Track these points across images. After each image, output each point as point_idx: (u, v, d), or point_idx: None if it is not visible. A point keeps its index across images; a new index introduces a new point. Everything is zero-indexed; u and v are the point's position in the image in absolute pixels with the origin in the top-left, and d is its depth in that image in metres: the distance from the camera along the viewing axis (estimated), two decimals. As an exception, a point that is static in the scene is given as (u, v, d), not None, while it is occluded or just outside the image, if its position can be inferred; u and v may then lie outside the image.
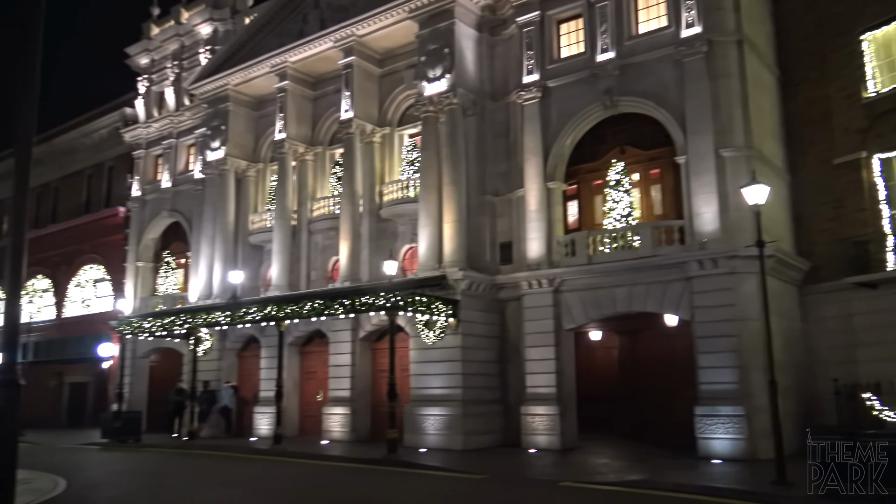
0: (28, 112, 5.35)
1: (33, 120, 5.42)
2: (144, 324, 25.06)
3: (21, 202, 5.21)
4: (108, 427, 25.04)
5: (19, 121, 5.24)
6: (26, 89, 5.23)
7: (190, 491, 13.96)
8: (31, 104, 5.37)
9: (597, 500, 12.11)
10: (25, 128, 5.33)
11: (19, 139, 5.36)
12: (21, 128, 5.30)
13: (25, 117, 5.31)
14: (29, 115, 5.39)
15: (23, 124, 5.31)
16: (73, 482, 14.02)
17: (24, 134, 5.30)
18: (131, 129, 32.73)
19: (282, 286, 24.48)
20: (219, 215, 27.17)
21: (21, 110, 5.24)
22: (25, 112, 5.30)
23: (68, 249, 35.40)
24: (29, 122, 5.38)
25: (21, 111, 5.24)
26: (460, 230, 20.59)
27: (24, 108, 5.27)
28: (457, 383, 19.55)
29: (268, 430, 22.95)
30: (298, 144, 25.71)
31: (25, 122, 5.32)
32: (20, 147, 5.33)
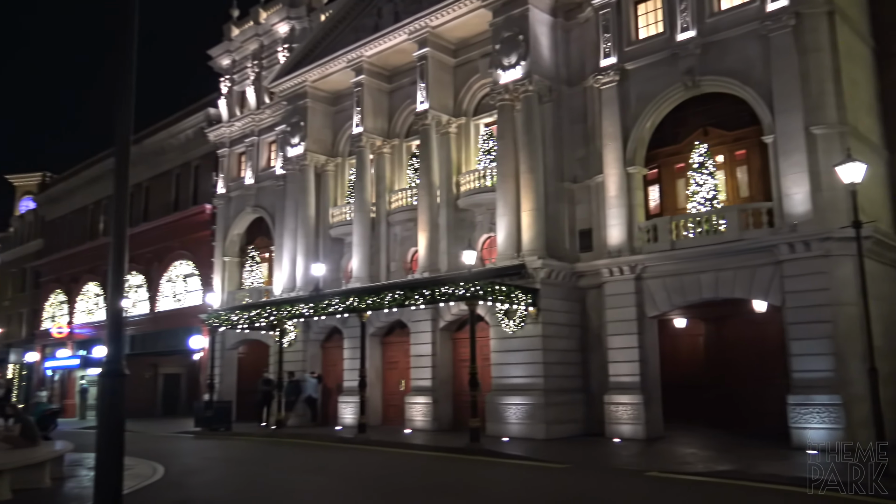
0: (125, 115, 5.58)
1: (130, 122, 5.64)
2: (232, 317, 25.92)
3: (122, 201, 5.44)
4: (201, 416, 26.07)
5: (117, 123, 5.48)
6: (123, 93, 5.45)
7: (280, 477, 14.38)
8: (127, 107, 5.59)
9: (685, 491, 11.84)
10: (123, 130, 5.55)
11: (118, 141, 5.60)
12: (119, 130, 5.53)
13: (123, 120, 5.54)
14: (126, 117, 5.61)
15: (121, 126, 5.54)
16: (170, 468, 14.66)
17: (122, 136, 5.53)
18: (215, 129, 33.80)
19: (362, 278, 24.87)
20: (300, 209, 27.80)
21: (119, 113, 5.46)
22: (122, 115, 5.52)
23: (160, 246, 36.87)
24: (126, 124, 5.60)
25: (119, 114, 5.47)
26: (538, 218, 20.42)
27: (121, 111, 5.50)
28: (538, 372, 19.45)
29: (352, 419, 23.41)
30: (375, 137, 26.01)
31: (123, 125, 5.54)
32: (119, 148, 5.56)
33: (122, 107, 5.52)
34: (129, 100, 5.59)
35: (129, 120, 5.65)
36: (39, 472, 12.21)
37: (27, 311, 51.04)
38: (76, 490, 12.27)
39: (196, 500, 11.49)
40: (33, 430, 14.06)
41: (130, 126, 5.67)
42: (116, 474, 5.16)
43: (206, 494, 12.30)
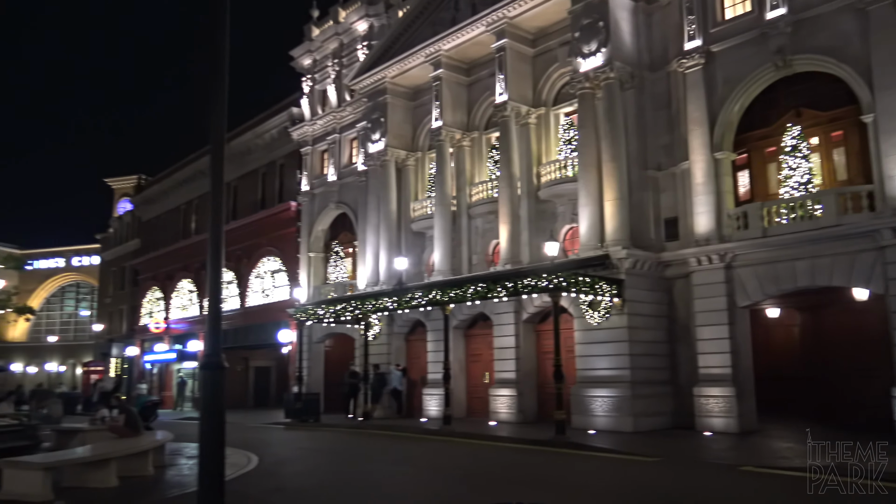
0: (218, 116, 5.76)
1: (223, 123, 5.82)
2: (318, 311, 26.52)
3: (217, 199, 5.62)
4: (291, 408, 26.79)
5: (211, 124, 5.67)
6: (216, 95, 5.63)
7: (368, 468, 14.65)
8: (220, 109, 5.77)
9: (782, 487, 11.40)
10: (217, 132, 5.74)
11: (213, 141, 5.79)
12: (214, 131, 5.72)
13: (216, 121, 5.72)
14: (219, 119, 5.79)
15: (215, 127, 5.73)
16: (263, 458, 15.13)
17: (216, 137, 5.71)
18: (298, 128, 34.62)
19: (444, 271, 25.01)
20: (382, 204, 28.17)
21: (213, 115, 5.65)
22: (216, 116, 5.71)
23: (248, 244, 38.05)
24: (219, 125, 5.78)
25: (213, 116, 5.66)
26: (622, 207, 20.04)
27: (215, 113, 5.68)
28: (624, 364, 19.13)
29: (437, 412, 23.59)
30: (455, 131, 26.07)
31: (217, 126, 5.73)
32: (214, 148, 5.74)
33: (215, 109, 5.70)
34: (222, 102, 5.77)
35: (223, 121, 5.83)
36: (143, 460, 12.81)
37: (127, 307, 53.60)
38: (177, 478, 12.82)
39: (289, 489, 11.80)
40: (137, 421, 14.77)
41: (223, 127, 5.85)
42: (218, 462, 5.36)
43: (299, 483, 12.63)
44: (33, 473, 10.42)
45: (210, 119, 5.64)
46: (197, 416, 23.78)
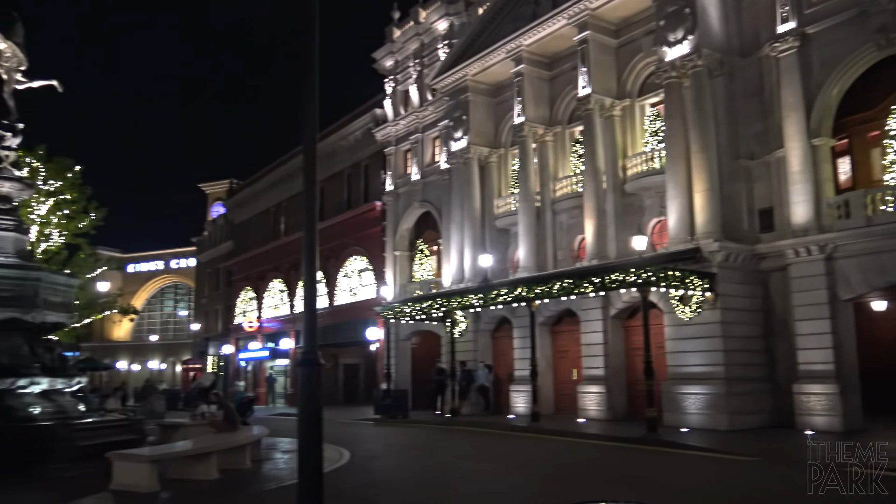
0: (310, 119, 5.89)
1: (315, 125, 5.96)
2: (405, 309, 26.83)
3: (311, 200, 5.75)
4: (380, 404, 27.21)
5: (303, 126, 5.82)
6: (307, 96, 5.76)
7: (457, 464, 14.70)
8: (311, 112, 5.90)
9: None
10: (309, 133, 5.87)
11: (305, 142, 5.93)
12: (306, 132, 5.87)
13: (308, 122, 5.86)
14: (311, 121, 5.92)
15: (307, 129, 5.87)
16: (354, 453, 15.41)
17: (308, 137, 5.85)
18: (382, 129, 35.12)
19: (529, 267, 24.86)
20: (465, 202, 28.24)
21: (304, 118, 5.80)
22: (308, 119, 5.85)
23: (335, 243, 38.85)
24: (311, 127, 5.91)
25: (304, 118, 5.81)
26: (713, 199, 19.43)
27: (306, 116, 5.83)
28: (718, 360, 18.54)
29: (524, 408, 23.48)
30: (537, 126, 25.87)
31: (309, 128, 5.87)
32: (307, 149, 5.88)
33: (307, 110, 5.84)
34: (313, 104, 5.90)
35: (314, 123, 5.96)
36: (241, 454, 13.24)
37: (222, 307, 55.65)
38: (273, 471, 13.20)
39: (380, 484, 11.98)
40: (234, 417, 15.30)
41: (315, 128, 5.99)
42: (316, 455, 5.49)
43: (389, 478, 12.82)
44: (141, 465, 10.93)
45: (301, 121, 5.79)
46: (289, 413, 24.57)
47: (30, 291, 14.24)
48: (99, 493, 10.53)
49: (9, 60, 15.79)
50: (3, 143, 15.50)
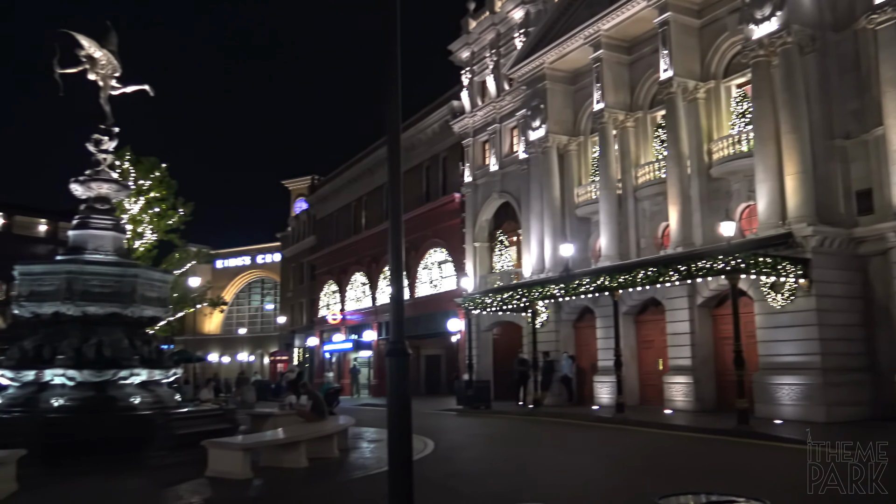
0: (393, 110, 5.93)
1: (398, 117, 5.99)
2: (485, 300, 26.83)
3: (396, 190, 5.81)
4: (462, 395, 27.35)
5: (387, 119, 5.87)
6: (390, 88, 5.79)
7: (542, 455, 14.62)
8: (395, 104, 5.93)
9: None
10: (392, 125, 5.92)
11: (389, 135, 5.99)
12: (389, 126, 5.92)
13: (392, 117, 5.91)
14: (394, 114, 5.96)
15: (390, 123, 5.92)
16: (438, 443, 15.50)
17: (392, 129, 5.89)
18: (459, 120, 35.15)
19: (611, 256, 24.44)
20: (545, 192, 27.98)
21: (388, 111, 5.86)
22: (391, 110, 5.89)
23: (415, 236, 39.17)
24: (395, 119, 5.95)
25: (388, 111, 5.86)
26: (805, 181, 18.60)
27: (390, 109, 5.88)
28: (813, 350, 17.78)
29: (608, 399, 23.15)
30: (617, 112, 25.35)
31: (392, 120, 5.92)
32: (391, 141, 5.93)
33: (390, 102, 5.89)
34: (396, 96, 5.94)
35: (397, 115, 6.01)
36: (329, 443, 13.52)
37: (306, 300, 57.01)
38: (360, 460, 13.43)
39: (466, 474, 12.00)
40: (322, 407, 15.65)
41: (398, 120, 6.03)
42: (406, 445, 5.56)
43: (474, 469, 12.83)
44: (234, 453, 11.31)
45: (386, 112, 5.84)
46: (373, 403, 25.02)
47: (128, 287, 14.92)
48: (196, 479, 10.94)
49: (104, 68, 16.56)
50: (101, 147, 16.27)
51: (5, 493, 9.70)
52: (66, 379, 13.95)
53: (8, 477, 9.95)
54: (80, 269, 14.61)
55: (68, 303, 14.30)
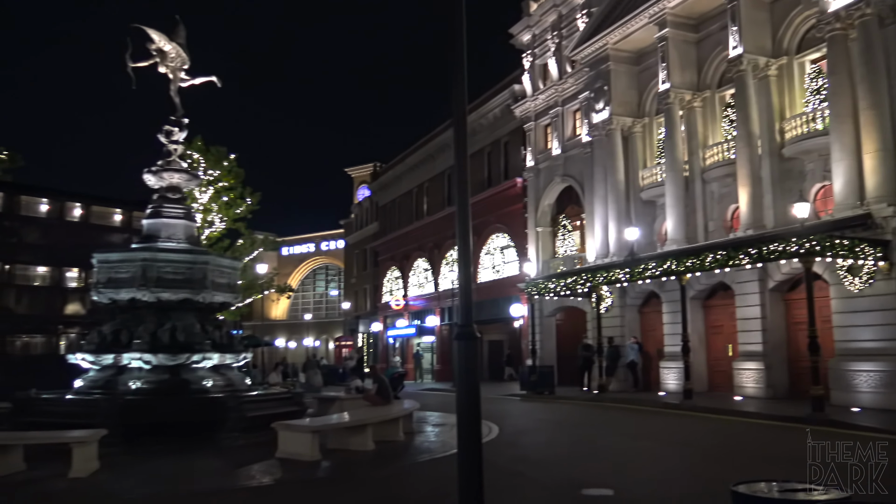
0: (459, 94, 5.90)
1: (464, 102, 5.97)
2: (549, 285, 26.64)
3: (463, 175, 5.81)
4: (525, 380, 27.31)
5: (454, 102, 5.86)
6: (456, 72, 5.77)
7: (607, 440, 14.46)
8: (461, 87, 5.91)
9: None
10: (459, 106, 5.90)
11: (455, 119, 5.97)
12: (455, 109, 5.90)
13: (457, 98, 5.89)
14: (460, 96, 5.94)
15: (456, 105, 5.91)
16: (503, 428, 15.51)
17: (458, 113, 5.87)
18: (521, 104, 34.83)
19: (678, 240, 23.91)
20: (609, 175, 27.54)
21: (454, 90, 5.84)
22: (457, 98, 5.88)
23: (477, 221, 38.99)
24: (461, 104, 5.93)
25: (454, 91, 5.85)
26: (885, 160, 17.79)
27: (456, 91, 5.86)
28: (893, 335, 17.08)
29: (675, 385, 22.76)
30: (684, 92, 24.68)
31: (458, 102, 5.89)
32: (457, 125, 5.91)
33: (456, 84, 5.87)
34: (461, 78, 5.91)
35: (463, 100, 5.98)
36: (394, 427, 13.68)
37: (370, 286, 57.70)
38: (426, 444, 13.54)
39: (531, 459, 11.98)
40: (387, 391, 15.83)
41: (464, 100, 6.00)
42: (475, 426, 5.58)
43: (540, 453, 12.80)
44: (303, 435, 11.55)
45: (452, 94, 5.82)
46: (436, 388, 25.19)
47: (199, 274, 15.37)
48: (267, 460, 11.23)
49: (173, 61, 17.01)
50: (172, 138, 16.76)
51: (88, 470, 10.14)
52: (142, 362, 14.48)
53: (91, 456, 10.40)
54: (153, 257, 15.12)
55: (143, 289, 14.83)
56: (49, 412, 13.51)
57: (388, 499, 9.11)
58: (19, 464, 10.45)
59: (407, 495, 9.31)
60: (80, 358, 15.11)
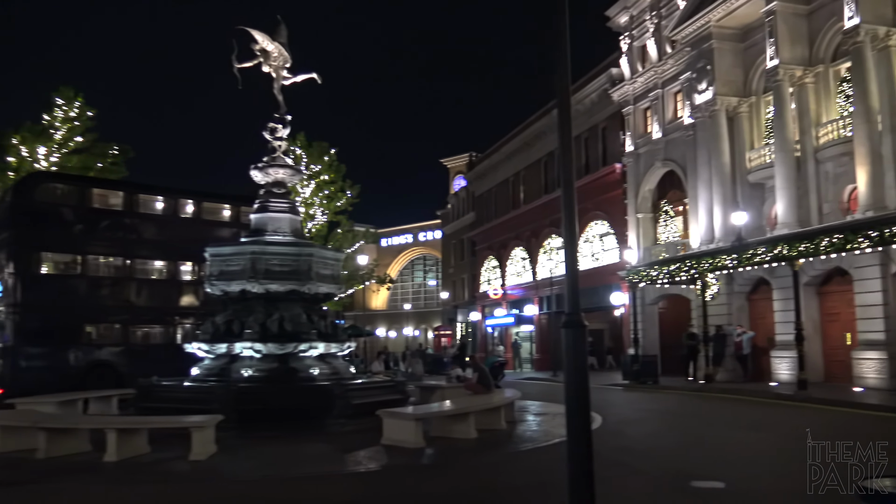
0: (563, 74, 5.83)
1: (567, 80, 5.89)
2: (651, 272, 26.01)
3: (568, 160, 5.76)
4: (628, 370, 26.81)
5: (557, 87, 5.81)
6: (559, 48, 5.70)
7: (715, 431, 14.01)
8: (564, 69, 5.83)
9: None
10: (563, 91, 5.83)
11: (559, 102, 5.91)
12: (560, 91, 5.83)
13: (561, 81, 5.82)
14: (563, 79, 5.86)
15: (560, 88, 5.84)
16: (607, 418, 15.25)
17: (562, 91, 5.80)
18: (618, 88, 34.05)
19: (790, 223, 22.79)
20: (713, 158, 26.56)
21: (558, 71, 5.78)
22: (560, 73, 5.81)
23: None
24: (564, 84, 5.86)
25: (558, 72, 5.79)
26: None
27: (559, 70, 5.79)
28: None
29: (788, 376, 21.79)
30: (794, 68, 23.43)
31: (562, 86, 5.83)
32: (561, 106, 5.84)
33: (560, 63, 5.81)
34: (565, 56, 5.84)
35: (567, 82, 5.90)
36: (496, 415, 13.69)
37: (467, 276, 57.97)
38: (528, 433, 13.49)
39: (636, 450, 11.74)
40: (488, 379, 15.89)
41: (568, 84, 5.92)
42: (584, 415, 5.56)
43: (645, 444, 12.53)
44: (408, 423, 11.74)
45: (555, 77, 5.77)
46: (536, 377, 25.10)
47: (304, 266, 15.86)
48: (373, 446, 11.48)
49: (276, 60, 17.56)
50: (276, 135, 17.32)
51: (207, 453, 10.67)
52: (253, 351, 15.10)
53: (208, 440, 10.93)
54: (262, 250, 15.71)
55: (253, 281, 15.44)
56: (169, 398, 14.33)
57: (493, 485, 9.14)
58: (144, 446, 11.11)
59: (511, 482, 9.32)
60: (195, 347, 15.91)
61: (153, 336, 24.05)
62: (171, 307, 24.35)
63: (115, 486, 9.20)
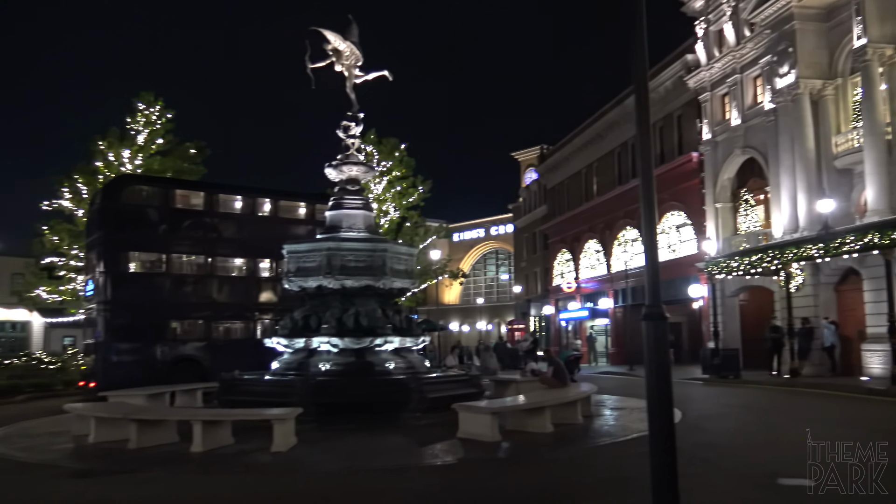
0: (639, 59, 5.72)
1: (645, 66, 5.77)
2: (731, 263, 25.25)
3: (646, 148, 5.65)
4: (708, 363, 26.12)
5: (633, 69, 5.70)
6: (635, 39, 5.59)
7: (802, 428, 13.45)
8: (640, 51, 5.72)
9: None
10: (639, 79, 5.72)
11: (636, 89, 5.79)
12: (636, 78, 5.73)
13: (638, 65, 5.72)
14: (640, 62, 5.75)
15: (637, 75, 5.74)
16: (686, 413, 14.85)
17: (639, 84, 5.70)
18: (694, 74, 33.12)
19: (881, 210, 21.72)
20: (796, 143, 25.55)
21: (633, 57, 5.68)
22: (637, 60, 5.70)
23: (650, 200, 37.77)
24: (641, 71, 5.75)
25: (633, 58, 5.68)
26: None
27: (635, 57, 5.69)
28: None
29: (881, 370, 20.80)
30: (885, 46, 22.27)
31: (639, 73, 5.73)
32: (638, 93, 5.73)
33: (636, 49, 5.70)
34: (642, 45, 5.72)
35: (644, 65, 5.78)
36: (572, 409, 13.55)
37: (540, 269, 57.61)
38: (605, 427, 13.31)
39: (718, 446, 11.42)
40: (563, 373, 15.74)
41: (645, 70, 5.80)
42: (667, 409, 5.44)
43: (728, 440, 12.19)
44: (483, 417, 11.73)
45: (631, 64, 5.67)
46: (612, 371, 24.78)
47: (379, 261, 16.06)
48: (449, 440, 11.53)
49: (348, 59, 17.81)
50: (349, 133, 17.57)
51: (287, 445, 10.93)
52: (330, 346, 15.39)
53: (289, 432, 11.19)
54: (337, 247, 15.98)
55: (329, 277, 15.73)
56: (250, 391, 14.75)
57: (570, 480, 9.05)
58: (228, 438, 11.47)
59: (589, 477, 9.21)
60: (275, 342, 16.32)
61: (234, 331, 24.78)
62: (250, 303, 25.03)
63: (203, 476, 9.54)
